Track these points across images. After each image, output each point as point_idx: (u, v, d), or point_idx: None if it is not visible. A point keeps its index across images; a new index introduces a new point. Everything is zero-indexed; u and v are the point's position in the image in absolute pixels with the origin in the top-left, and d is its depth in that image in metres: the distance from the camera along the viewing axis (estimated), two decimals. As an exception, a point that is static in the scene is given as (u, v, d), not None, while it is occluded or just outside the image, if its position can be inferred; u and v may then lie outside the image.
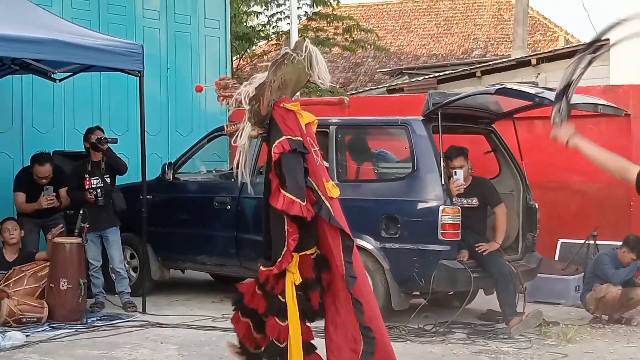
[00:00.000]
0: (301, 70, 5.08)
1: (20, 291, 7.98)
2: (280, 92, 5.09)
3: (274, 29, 21.59)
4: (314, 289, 4.99)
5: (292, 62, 5.06)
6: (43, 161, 8.79)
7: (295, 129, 4.98)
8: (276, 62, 5.12)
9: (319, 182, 4.99)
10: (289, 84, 5.13)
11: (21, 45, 7.46)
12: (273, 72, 5.08)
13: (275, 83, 5.05)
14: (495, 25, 26.42)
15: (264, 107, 5.06)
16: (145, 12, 11.47)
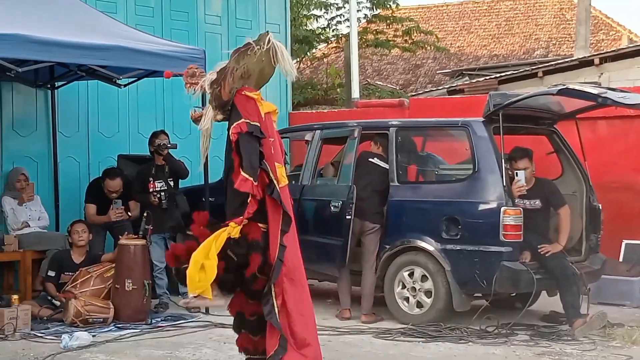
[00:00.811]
0: (265, 63, 5.40)
1: (86, 292, 8.17)
2: (243, 81, 5.40)
3: (334, 32, 21.62)
4: (256, 251, 5.19)
5: (254, 54, 5.37)
6: (114, 175, 9.05)
7: (253, 114, 5.29)
8: (238, 50, 5.46)
9: (272, 166, 5.26)
10: (252, 75, 5.43)
11: (87, 51, 7.64)
12: (235, 60, 5.40)
13: (237, 71, 5.37)
14: (557, 25, 26.08)
15: (225, 93, 5.38)
16: (207, 18, 11.61)
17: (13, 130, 9.77)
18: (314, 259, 8.60)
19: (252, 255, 5.18)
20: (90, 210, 9.13)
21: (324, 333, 7.69)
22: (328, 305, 9.11)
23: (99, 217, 9.06)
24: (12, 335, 7.38)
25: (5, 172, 9.55)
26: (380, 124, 9.00)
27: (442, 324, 7.81)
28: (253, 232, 5.22)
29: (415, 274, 8.15)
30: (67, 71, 9.20)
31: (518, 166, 7.96)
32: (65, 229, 9.22)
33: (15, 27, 7.23)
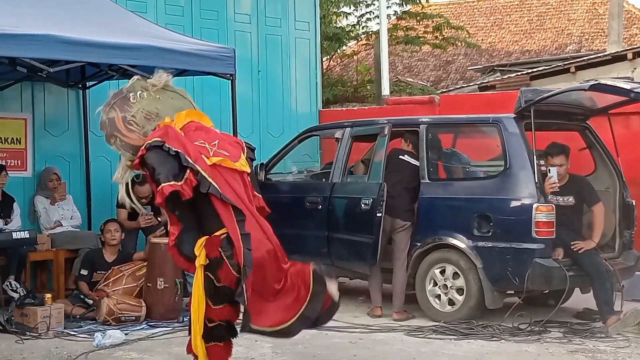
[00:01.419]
0: (166, 100, 5.60)
1: (119, 290, 8.22)
2: (155, 122, 5.52)
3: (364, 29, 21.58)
4: (220, 267, 5.15)
5: (142, 99, 5.55)
6: (143, 182, 9.09)
7: (154, 136, 5.31)
8: (109, 103, 5.57)
9: (200, 162, 5.19)
10: (161, 113, 5.56)
11: (117, 51, 7.67)
12: (120, 110, 5.51)
13: (138, 116, 5.51)
14: (589, 20, 25.84)
15: (133, 139, 5.49)
16: (237, 16, 11.63)
17: (45, 130, 9.86)
18: (345, 256, 8.63)
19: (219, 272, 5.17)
20: (121, 215, 9.19)
21: (355, 331, 7.70)
22: (359, 303, 9.10)
23: (129, 223, 9.13)
24: (46, 333, 7.44)
25: (38, 171, 9.64)
26: (410, 121, 8.96)
27: (474, 321, 7.78)
28: (211, 250, 5.17)
29: (446, 271, 8.12)
30: (98, 71, 9.26)
31: (554, 162, 7.89)
32: (97, 227, 9.30)
33: (47, 28, 7.28)
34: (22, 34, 7.04)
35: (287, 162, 10.05)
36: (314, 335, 7.30)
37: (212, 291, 5.22)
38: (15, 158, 9.61)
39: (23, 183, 9.57)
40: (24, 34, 7.05)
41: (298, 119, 11.89)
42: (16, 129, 9.65)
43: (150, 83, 5.69)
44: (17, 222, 8.97)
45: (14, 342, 7.21)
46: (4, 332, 7.53)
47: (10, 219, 8.92)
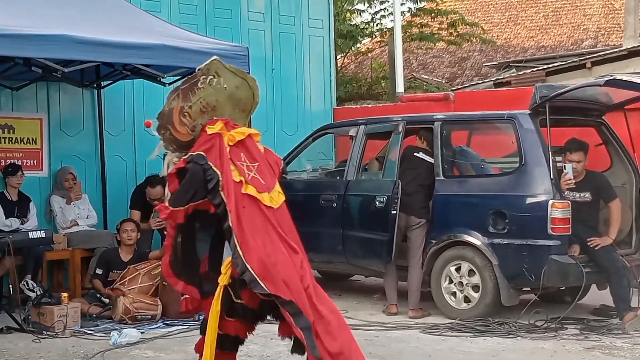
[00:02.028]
0: (231, 89, 5.28)
1: (135, 289, 8.25)
2: (208, 115, 5.24)
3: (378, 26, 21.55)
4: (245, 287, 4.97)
5: (208, 85, 5.23)
6: (155, 183, 9.15)
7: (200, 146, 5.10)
8: (178, 89, 5.30)
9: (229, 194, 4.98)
10: (218, 107, 5.28)
11: (132, 51, 7.69)
12: (181, 99, 5.22)
13: (193, 108, 5.22)
14: (605, 15, 25.69)
15: (181, 134, 5.24)
16: (251, 15, 11.63)
17: (60, 130, 9.89)
18: (360, 254, 8.63)
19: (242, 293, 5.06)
20: (134, 216, 9.23)
21: (370, 329, 7.69)
22: (375, 301, 9.10)
23: (142, 224, 9.15)
24: (62, 332, 7.48)
25: (54, 171, 9.68)
26: (424, 118, 8.94)
27: (490, 318, 7.76)
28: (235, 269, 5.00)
29: (462, 268, 8.10)
30: (112, 70, 9.28)
31: (572, 158, 7.86)
32: (113, 227, 9.34)
33: (61, 28, 7.30)
34: (36, 34, 7.06)
35: (301, 160, 10.05)
36: (329, 333, 7.29)
37: (227, 306, 5.14)
38: (31, 158, 9.65)
39: (39, 183, 9.61)
40: (38, 35, 7.07)
41: (312, 117, 11.89)
42: (32, 129, 9.70)
43: (226, 65, 5.39)
44: (33, 221, 9.02)
45: (31, 342, 7.25)
46: (21, 331, 7.57)
47: (26, 219, 8.97)
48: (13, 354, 6.84)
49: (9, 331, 7.56)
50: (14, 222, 8.83)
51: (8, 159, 9.36)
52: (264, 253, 4.93)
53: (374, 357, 6.64)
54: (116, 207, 9.86)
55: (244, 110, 5.46)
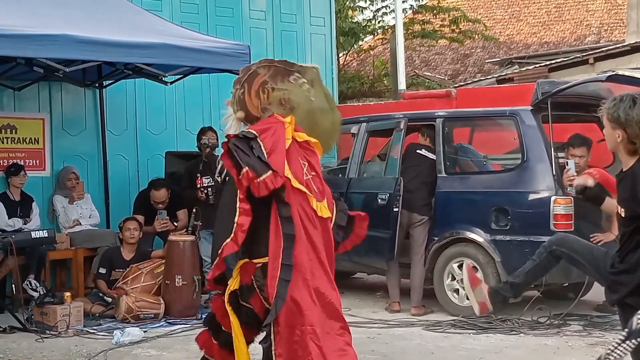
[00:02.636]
0: (315, 106, 4.89)
1: (137, 288, 8.25)
2: (283, 110, 4.83)
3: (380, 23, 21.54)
4: (251, 295, 4.72)
5: (299, 85, 4.90)
6: (159, 186, 9.17)
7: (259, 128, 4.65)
8: (273, 64, 4.93)
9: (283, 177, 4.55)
10: (297, 109, 4.86)
11: (133, 50, 7.68)
12: (270, 76, 4.87)
13: (275, 92, 4.84)
14: (608, 10, 25.65)
15: (251, 103, 4.85)
16: (252, 13, 11.63)
17: (63, 130, 9.90)
18: (362, 252, 8.60)
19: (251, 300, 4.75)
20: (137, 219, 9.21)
21: (373, 326, 7.69)
22: (377, 299, 9.10)
23: (146, 227, 9.14)
24: (65, 332, 7.49)
25: (56, 171, 9.69)
26: (426, 115, 8.93)
27: (493, 315, 7.73)
28: (243, 274, 4.70)
29: (464, 265, 8.07)
30: (114, 70, 9.29)
31: (575, 153, 7.84)
32: (115, 226, 9.35)
33: (62, 28, 7.30)
34: (37, 34, 7.06)
35: (304, 158, 10.02)
36: (332, 331, 7.29)
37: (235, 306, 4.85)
38: (34, 158, 9.66)
39: (41, 183, 9.62)
40: (39, 35, 7.07)
41: (314, 115, 11.86)
42: (34, 129, 9.71)
43: (324, 87, 5.07)
44: (36, 221, 9.03)
45: (34, 341, 7.26)
46: (24, 331, 7.58)
47: (29, 219, 8.98)
48: (16, 354, 6.85)
49: (12, 331, 7.57)
50: (16, 222, 8.84)
51: (11, 159, 9.37)
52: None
53: (376, 355, 6.64)
54: (118, 206, 9.87)
55: (310, 131, 4.92)
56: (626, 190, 3.91)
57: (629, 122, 3.84)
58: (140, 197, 9.50)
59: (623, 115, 3.85)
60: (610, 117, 3.92)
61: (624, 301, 4.06)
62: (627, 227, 4.03)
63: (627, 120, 3.84)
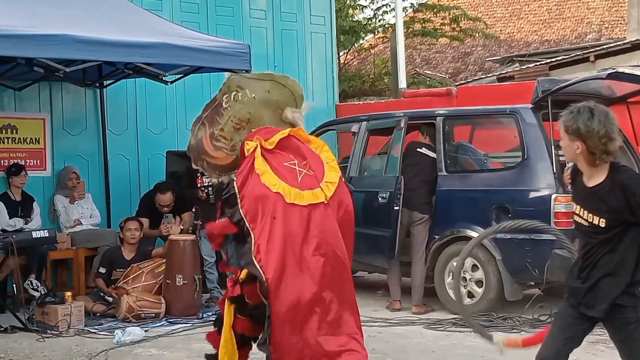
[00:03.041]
0: (263, 96, 5.11)
1: (138, 288, 8.26)
2: (246, 130, 5.09)
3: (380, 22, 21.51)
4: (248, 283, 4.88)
5: (236, 101, 5.10)
6: (165, 190, 9.16)
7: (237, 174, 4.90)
8: (199, 119, 5.22)
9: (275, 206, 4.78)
10: (253, 118, 5.11)
11: (133, 50, 7.68)
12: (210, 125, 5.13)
13: (226, 128, 5.10)
14: (609, 8, 25.62)
15: (220, 158, 5.14)
16: (252, 12, 11.63)
17: (63, 130, 9.91)
18: (363, 250, 8.59)
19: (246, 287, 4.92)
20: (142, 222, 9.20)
21: (374, 325, 7.69)
22: (378, 297, 9.10)
23: (151, 231, 9.15)
24: (66, 331, 7.50)
25: (57, 171, 9.71)
26: (427, 113, 8.93)
27: (494, 313, 7.76)
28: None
29: (465, 263, 8.08)
30: (114, 70, 9.30)
31: None
32: (116, 225, 9.36)
33: (62, 28, 7.30)
34: (37, 34, 7.06)
35: (304, 157, 10.03)
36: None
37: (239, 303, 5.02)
38: (35, 158, 9.67)
39: (42, 182, 9.63)
40: (39, 35, 7.07)
41: (315, 114, 11.80)
42: (35, 129, 9.72)
43: (245, 76, 5.38)
44: (37, 221, 9.04)
45: (35, 341, 7.27)
46: (25, 330, 7.59)
47: (30, 219, 8.99)
48: (17, 353, 6.86)
49: (13, 330, 7.58)
50: (17, 222, 8.85)
51: (11, 159, 9.39)
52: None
53: (377, 353, 6.64)
54: (119, 206, 9.88)
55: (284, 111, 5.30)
56: (618, 201, 3.88)
57: (590, 133, 3.86)
58: (144, 200, 9.47)
59: (583, 127, 3.87)
60: (569, 129, 3.93)
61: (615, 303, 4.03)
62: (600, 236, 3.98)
63: (587, 132, 3.87)
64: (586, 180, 4.02)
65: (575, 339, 4.17)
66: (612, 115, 3.92)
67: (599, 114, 3.89)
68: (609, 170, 3.95)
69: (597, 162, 3.93)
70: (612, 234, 3.94)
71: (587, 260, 4.06)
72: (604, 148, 3.87)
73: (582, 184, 4.05)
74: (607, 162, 3.94)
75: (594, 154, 3.90)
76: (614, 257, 3.97)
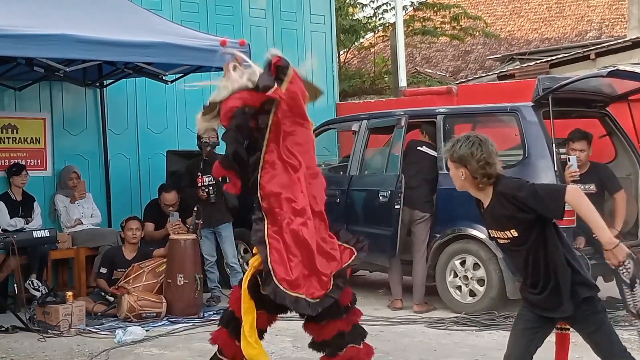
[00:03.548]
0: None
1: (139, 287, 8.26)
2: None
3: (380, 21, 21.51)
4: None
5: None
6: (169, 188, 9.18)
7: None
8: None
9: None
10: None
11: (133, 49, 7.69)
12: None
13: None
14: (609, 6, 25.61)
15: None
16: (252, 12, 11.63)
17: (64, 129, 9.91)
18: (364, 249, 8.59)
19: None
20: (148, 227, 9.20)
21: (376, 324, 7.67)
22: (380, 296, 9.09)
23: (158, 232, 9.15)
24: (68, 331, 7.50)
25: (58, 170, 9.71)
26: (427, 111, 8.92)
27: (495, 312, 7.74)
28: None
29: (467, 262, 8.08)
30: (114, 69, 9.30)
31: (575, 147, 7.83)
32: (117, 225, 9.37)
33: (62, 28, 7.30)
34: (37, 34, 7.06)
35: (305, 156, 10.02)
36: (334, 328, 7.28)
37: (255, 295, 5.01)
38: (35, 158, 9.67)
39: (43, 182, 9.64)
40: (40, 35, 7.07)
41: (315, 112, 11.70)
42: (35, 128, 9.72)
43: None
44: (37, 221, 9.04)
45: (36, 341, 7.27)
46: (26, 330, 7.58)
47: (31, 218, 8.99)
48: (18, 353, 6.86)
49: (14, 330, 7.58)
50: (18, 222, 8.85)
51: (12, 159, 9.39)
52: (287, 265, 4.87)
53: (379, 352, 6.60)
54: (120, 206, 9.89)
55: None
56: (506, 209, 4.09)
57: (467, 158, 4.10)
58: (151, 206, 9.50)
59: (462, 153, 4.12)
60: (452, 158, 4.18)
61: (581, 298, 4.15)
62: (524, 245, 4.13)
63: (465, 157, 4.11)
64: (483, 204, 4.24)
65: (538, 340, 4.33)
66: (491, 141, 4.18)
67: (475, 141, 4.13)
68: (492, 187, 4.17)
69: (480, 186, 4.16)
70: (531, 238, 4.11)
71: (531, 273, 4.19)
72: (484, 172, 4.10)
73: (482, 209, 4.26)
74: (490, 185, 4.16)
75: (476, 177, 4.13)
76: (548, 257, 4.12)
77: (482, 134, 4.24)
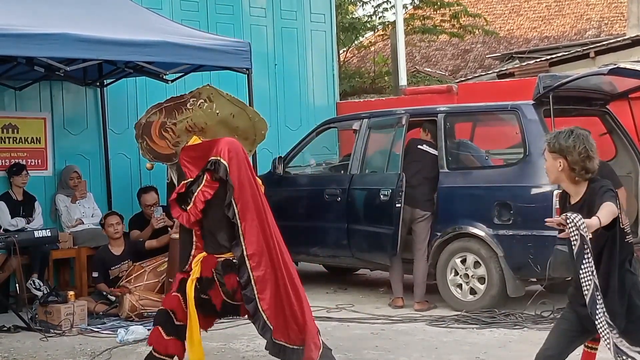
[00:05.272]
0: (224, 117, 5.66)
1: (141, 287, 8.26)
2: (191, 135, 5.58)
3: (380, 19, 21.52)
4: (211, 287, 5.32)
5: (197, 107, 5.58)
6: (148, 189, 9.21)
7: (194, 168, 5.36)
8: (160, 104, 5.69)
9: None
10: (207, 129, 5.60)
11: (134, 48, 7.69)
12: (166, 115, 5.62)
13: (179, 125, 5.58)
14: (609, 4, 25.60)
15: (160, 146, 5.65)
16: (252, 10, 11.62)
17: (64, 129, 9.91)
18: (365, 248, 8.63)
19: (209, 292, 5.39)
20: (134, 234, 9.18)
21: (377, 322, 7.70)
22: (380, 294, 9.10)
23: (144, 232, 9.07)
24: (69, 330, 7.51)
25: (58, 170, 9.70)
26: (428, 110, 8.94)
27: (496, 310, 7.76)
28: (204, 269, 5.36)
29: (467, 260, 8.09)
30: (114, 68, 9.29)
31: None
32: (118, 224, 9.34)
33: (62, 27, 7.30)
34: (38, 33, 7.07)
35: (305, 155, 10.05)
36: (335, 327, 7.32)
37: (197, 300, 5.35)
38: (36, 157, 9.67)
39: (44, 182, 9.63)
40: (40, 34, 7.07)
41: (315, 112, 11.87)
42: (36, 128, 9.71)
43: (221, 92, 5.77)
44: (38, 221, 9.04)
45: (38, 340, 7.28)
46: (28, 330, 7.60)
47: (32, 218, 8.99)
48: (20, 353, 6.87)
49: (16, 330, 7.59)
50: (19, 222, 8.85)
51: (12, 159, 9.38)
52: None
53: (380, 350, 6.64)
54: (121, 205, 9.85)
55: (246, 139, 5.76)
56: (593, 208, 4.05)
57: (569, 149, 4.12)
58: (132, 219, 9.40)
59: (564, 143, 4.13)
60: (553, 148, 4.19)
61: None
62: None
63: (568, 147, 4.13)
64: (571, 199, 4.22)
65: (577, 344, 4.30)
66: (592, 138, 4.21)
67: (579, 134, 4.15)
68: (587, 184, 4.17)
69: (577, 179, 4.14)
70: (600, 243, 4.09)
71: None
72: (583, 164, 4.10)
73: (568, 203, 4.24)
74: (586, 180, 4.15)
75: (574, 169, 4.12)
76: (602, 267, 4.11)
77: (584, 129, 4.24)
